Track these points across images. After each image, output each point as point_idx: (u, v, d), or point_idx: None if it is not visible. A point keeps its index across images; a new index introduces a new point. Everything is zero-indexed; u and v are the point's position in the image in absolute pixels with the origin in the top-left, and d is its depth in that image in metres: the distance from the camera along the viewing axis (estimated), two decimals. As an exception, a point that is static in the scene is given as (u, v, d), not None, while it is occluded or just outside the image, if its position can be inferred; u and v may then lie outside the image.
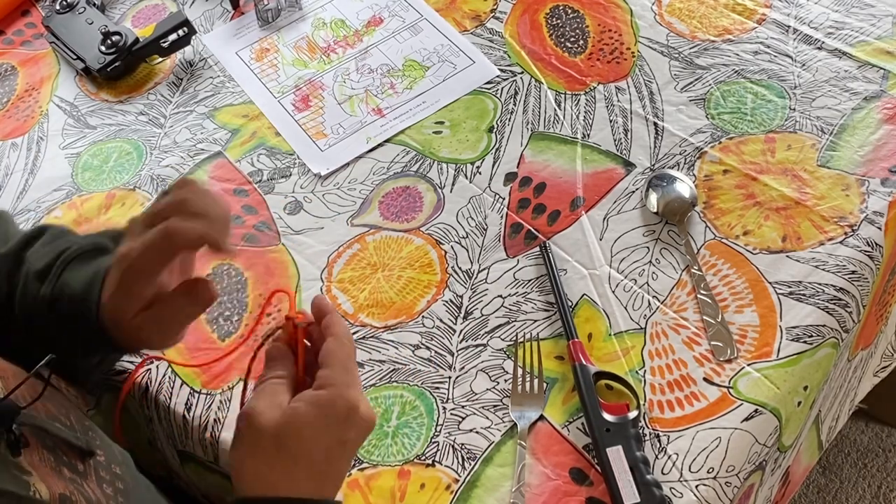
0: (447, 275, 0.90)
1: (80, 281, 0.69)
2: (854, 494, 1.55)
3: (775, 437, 0.80)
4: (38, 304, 0.70)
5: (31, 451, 0.59)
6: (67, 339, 0.70)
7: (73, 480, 0.62)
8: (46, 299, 0.69)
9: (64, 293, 0.69)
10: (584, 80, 1.04)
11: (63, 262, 0.71)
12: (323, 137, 1.03)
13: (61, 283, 0.70)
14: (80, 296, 0.68)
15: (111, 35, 1.11)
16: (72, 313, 0.69)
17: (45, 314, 0.70)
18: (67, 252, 0.71)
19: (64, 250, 0.72)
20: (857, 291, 0.85)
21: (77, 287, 0.69)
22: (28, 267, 0.72)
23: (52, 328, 0.70)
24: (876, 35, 1.03)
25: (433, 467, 0.79)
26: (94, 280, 0.68)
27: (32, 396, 0.61)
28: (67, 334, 0.70)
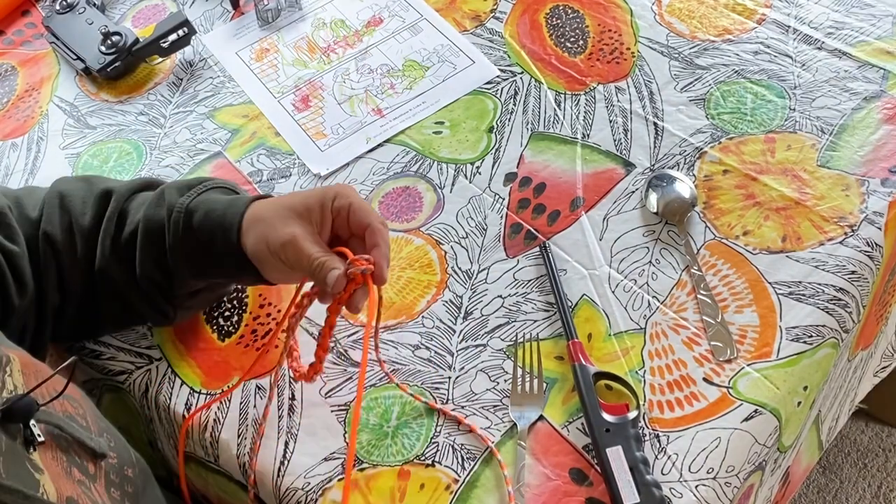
0: (447, 275, 0.90)
1: (221, 202, 0.79)
2: (854, 494, 1.55)
3: (775, 438, 0.80)
4: (173, 212, 0.78)
5: (45, 449, 0.60)
6: (193, 249, 0.78)
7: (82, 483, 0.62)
8: (185, 207, 0.78)
9: (203, 207, 0.78)
10: (583, 80, 1.04)
11: (204, 187, 0.81)
12: (323, 137, 1.03)
13: (202, 198, 0.79)
14: (221, 209, 0.78)
15: (111, 35, 1.11)
16: (209, 225, 0.77)
17: (181, 222, 0.78)
18: (207, 181, 0.82)
19: (204, 180, 0.82)
20: (857, 291, 0.85)
21: (219, 205, 0.78)
22: (165, 186, 0.81)
23: (183, 236, 0.78)
24: (876, 35, 1.03)
25: (433, 467, 0.79)
26: (237, 202, 0.78)
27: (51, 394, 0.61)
28: (196, 244, 0.78)
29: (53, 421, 0.61)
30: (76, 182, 0.84)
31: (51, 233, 0.80)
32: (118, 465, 0.68)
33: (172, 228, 0.78)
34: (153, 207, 0.79)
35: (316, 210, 0.76)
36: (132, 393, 0.87)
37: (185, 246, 0.78)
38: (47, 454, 0.60)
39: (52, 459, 0.60)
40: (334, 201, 0.76)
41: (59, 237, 0.80)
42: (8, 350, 0.64)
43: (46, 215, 0.81)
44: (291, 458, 0.80)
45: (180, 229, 0.78)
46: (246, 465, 0.81)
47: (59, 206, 0.81)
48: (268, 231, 0.76)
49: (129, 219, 0.80)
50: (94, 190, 0.83)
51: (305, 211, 0.76)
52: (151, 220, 0.79)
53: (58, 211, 0.81)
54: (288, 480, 0.79)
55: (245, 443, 0.81)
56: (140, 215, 0.79)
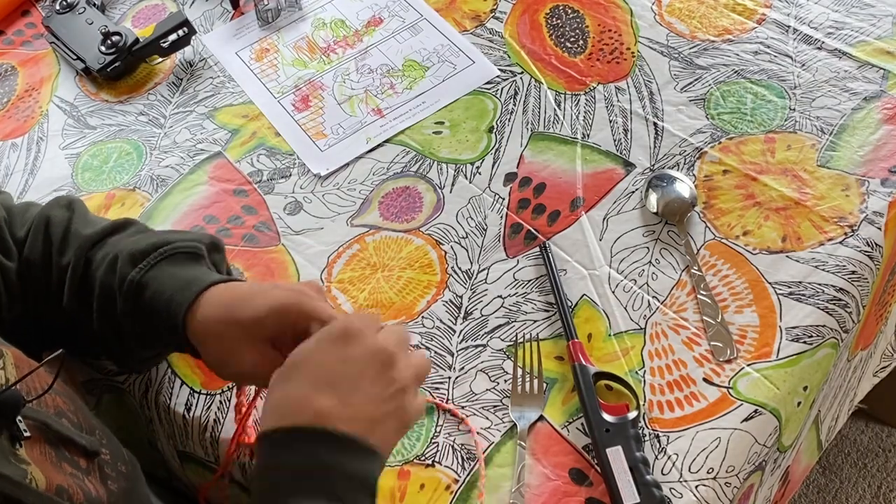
0: (447, 275, 0.90)
1: (173, 280, 0.72)
2: (854, 494, 1.55)
3: (775, 438, 0.80)
4: (123, 285, 0.73)
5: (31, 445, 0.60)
6: (142, 326, 0.73)
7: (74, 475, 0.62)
8: (134, 283, 0.72)
9: (153, 285, 0.72)
10: (583, 80, 1.04)
11: (160, 254, 0.74)
12: (323, 138, 1.03)
13: (154, 272, 0.73)
14: (169, 294, 0.71)
15: (111, 35, 1.11)
16: (157, 307, 0.72)
17: (130, 297, 0.73)
18: (166, 247, 0.74)
19: (163, 243, 0.75)
20: (856, 292, 0.85)
21: (169, 285, 0.72)
22: (121, 248, 0.75)
23: (132, 312, 0.73)
24: (876, 35, 1.03)
25: (433, 467, 0.79)
26: (189, 287, 0.71)
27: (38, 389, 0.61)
28: (144, 322, 0.73)
29: (41, 418, 0.61)
30: (63, 211, 0.80)
31: (31, 260, 0.78)
32: (112, 461, 0.68)
33: (122, 301, 0.73)
34: (107, 273, 0.75)
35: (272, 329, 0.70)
36: (132, 393, 0.87)
37: (133, 321, 0.74)
38: (35, 449, 0.60)
39: (41, 454, 0.60)
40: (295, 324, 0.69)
41: (38, 266, 0.78)
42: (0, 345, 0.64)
43: (31, 240, 0.78)
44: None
45: (130, 306, 0.73)
46: (246, 465, 0.81)
47: (42, 234, 0.78)
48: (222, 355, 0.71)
49: (91, 270, 0.76)
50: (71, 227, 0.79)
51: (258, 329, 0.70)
52: (106, 288, 0.74)
53: (41, 239, 0.78)
54: (288, 480, 0.79)
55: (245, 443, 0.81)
56: (98, 276, 0.75)
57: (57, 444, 0.62)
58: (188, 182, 1.00)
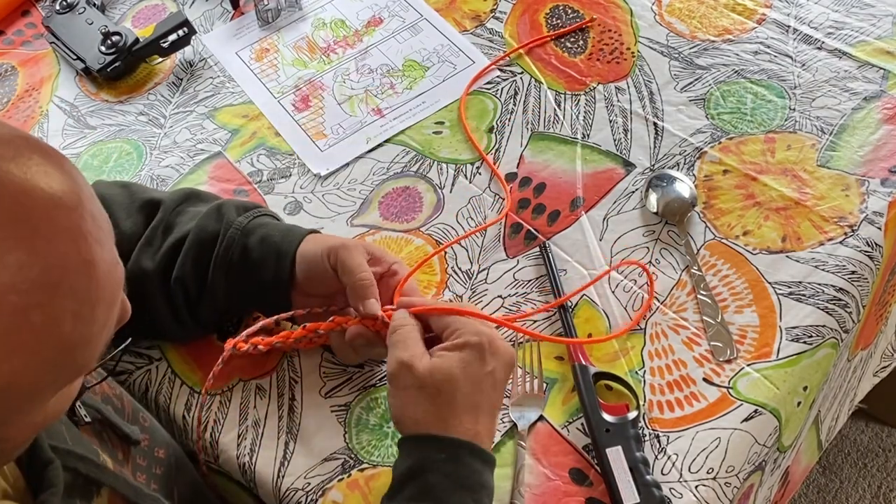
0: (447, 275, 0.90)
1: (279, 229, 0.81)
2: (854, 494, 1.55)
3: (775, 438, 0.80)
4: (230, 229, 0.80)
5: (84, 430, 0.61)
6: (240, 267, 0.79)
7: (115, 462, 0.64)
8: (242, 226, 0.80)
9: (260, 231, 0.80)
10: (583, 80, 1.04)
11: (259, 211, 0.83)
12: (323, 138, 1.03)
13: (259, 221, 0.82)
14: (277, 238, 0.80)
15: (111, 35, 1.11)
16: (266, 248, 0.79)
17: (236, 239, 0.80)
18: (262, 208, 0.85)
19: (258, 205, 0.85)
20: (856, 291, 0.85)
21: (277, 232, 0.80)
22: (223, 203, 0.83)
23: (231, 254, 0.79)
24: (876, 35, 1.03)
25: (433, 467, 0.79)
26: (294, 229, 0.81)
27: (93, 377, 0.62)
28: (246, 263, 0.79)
29: (95, 405, 0.64)
30: (115, 188, 0.85)
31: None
32: (149, 448, 0.69)
33: (226, 243, 0.79)
34: (209, 219, 0.81)
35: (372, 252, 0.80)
36: (132, 393, 0.87)
37: (231, 264, 0.79)
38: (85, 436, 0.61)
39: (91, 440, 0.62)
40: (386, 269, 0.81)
41: None
42: None
43: None
44: (291, 459, 0.80)
45: (234, 246, 0.79)
46: (246, 465, 0.81)
47: None
48: (326, 238, 0.80)
49: (175, 229, 0.81)
50: (136, 199, 0.84)
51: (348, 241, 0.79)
52: (204, 231, 0.80)
53: None
54: (288, 481, 0.79)
55: (245, 443, 0.81)
56: (191, 225, 0.81)
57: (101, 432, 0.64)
58: (188, 182, 1.00)
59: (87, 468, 0.58)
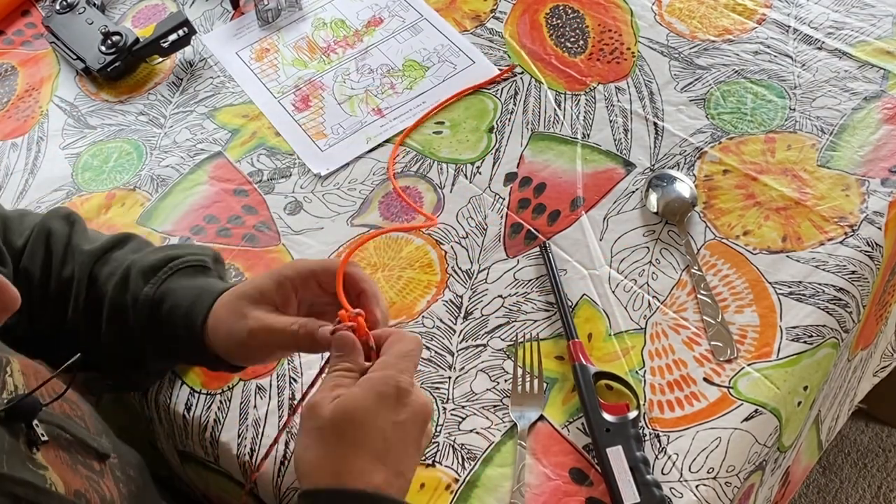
0: (447, 275, 0.90)
1: (187, 291, 0.74)
2: (854, 494, 1.55)
3: (775, 438, 0.80)
4: (138, 302, 0.74)
5: (47, 449, 0.60)
6: (158, 341, 0.75)
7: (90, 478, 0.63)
8: (149, 299, 0.74)
9: (169, 298, 0.74)
10: (584, 80, 1.04)
11: (170, 269, 0.76)
12: (323, 138, 1.03)
13: (167, 286, 0.75)
14: (186, 306, 0.73)
15: (111, 35, 1.11)
16: (175, 320, 0.73)
17: (145, 313, 0.74)
18: (176, 261, 0.77)
19: (172, 258, 0.77)
20: (857, 291, 0.85)
21: (184, 297, 0.74)
22: (129, 264, 0.77)
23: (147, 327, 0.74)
24: (876, 35, 1.03)
25: (433, 467, 0.79)
26: (204, 295, 0.73)
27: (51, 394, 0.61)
28: (161, 336, 0.74)
29: (56, 421, 0.62)
30: (63, 224, 0.81)
31: (30, 270, 0.78)
32: (120, 465, 0.68)
33: (136, 319, 0.74)
34: (118, 290, 0.76)
35: (271, 290, 0.71)
36: (132, 393, 0.87)
37: (152, 337, 0.75)
38: (50, 453, 0.60)
39: (56, 458, 0.60)
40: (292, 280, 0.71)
41: (37, 277, 0.78)
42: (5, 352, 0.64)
43: (30, 250, 0.79)
44: (292, 458, 0.80)
45: (145, 321, 0.74)
46: (246, 465, 0.81)
47: (43, 245, 0.79)
48: (228, 325, 0.71)
49: (98, 285, 0.77)
50: (74, 241, 0.80)
51: (259, 295, 0.71)
52: (116, 304, 0.75)
53: (42, 250, 0.79)
54: (288, 480, 0.79)
55: (245, 443, 0.81)
56: (107, 292, 0.76)
57: (70, 447, 0.63)
58: (188, 182, 1.00)
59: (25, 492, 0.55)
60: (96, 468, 0.64)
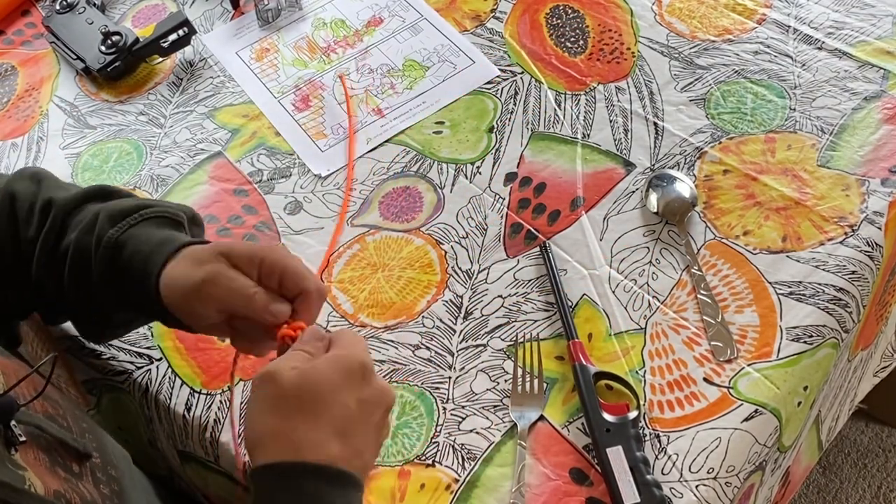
0: (447, 275, 0.90)
1: (152, 239, 0.71)
2: (854, 494, 1.55)
3: (775, 438, 0.80)
4: (101, 243, 0.72)
5: (26, 449, 0.59)
6: (117, 286, 0.72)
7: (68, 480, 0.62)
8: (113, 240, 0.71)
9: (131, 244, 0.71)
10: (584, 80, 1.04)
11: (140, 216, 0.73)
12: (323, 138, 1.03)
13: (133, 231, 0.72)
14: (146, 254, 0.70)
15: (111, 35, 1.11)
16: (133, 264, 0.70)
17: (108, 256, 0.71)
18: (147, 210, 0.74)
19: (144, 206, 0.74)
20: (857, 291, 0.85)
21: (148, 244, 0.71)
22: (102, 208, 0.74)
23: (108, 270, 0.72)
24: (876, 35, 1.03)
25: (433, 467, 0.79)
26: (167, 244, 0.71)
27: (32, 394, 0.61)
28: (119, 282, 0.71)
29: (34, 422, 0.61)
30: (28, 184, 0.78)
31: None
32: (102, 465, 0.68)
33: (98, 261, 0.72)
34: (84, 233, 0.73)
35: (243, 253, 0.68)
36: (132, 393, 0.87)
37: (111, 281, 0.72)
38: (29, 454, 0.60)
39: (35, 459, 0.60)
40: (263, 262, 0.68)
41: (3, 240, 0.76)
42: None
43: None
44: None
45: (105, 264, 0.71)
46: (246, 464, 0.81)
47: (7, 209, 0.77)
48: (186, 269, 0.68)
49: (66, 236, 0.74)
50: (41, 197, 0.77)
51: (228, 250, 0.69)
52: (80, 246, 0.73)
53: (6, 214, 0.76)
54: (288, 480, 0.79)
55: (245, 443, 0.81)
56: (74, 235, 0.73)
57: (49, 448, 0.62)
58: (188, 182, 1.00)
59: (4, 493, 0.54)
60: (75, 470, 0.64)
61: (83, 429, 0.69)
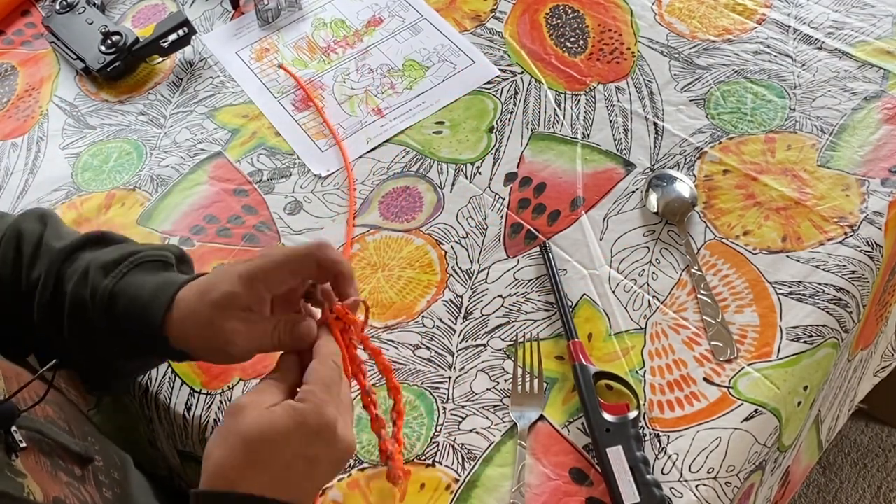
0: (447, 275, 0.90)
1: (148, 284, 0.71)
2: (854, 494, 1.55)
3: (775, 437, 0.80)
4: (97, 296, 0.72)
5: (27, 455, 0.59)
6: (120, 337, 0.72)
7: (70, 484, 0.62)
8: (108, 292, 0.71)
9: (128, 292, 0.71)
10: (584, 80, 1.04)
11: (131, 263, 0.73)
12: (323, 138, 1.03)
13: (127, 280, 0.72)
14: (146, 298, 0.70)
15: (111, 35, 1.11)
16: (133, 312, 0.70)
17: (103, 307, 0.71)
18: (136, 256, 0.74)
19: (133, 253, 0.74)
20: (857, 291, 0.85)
21: (144, 289, 0.71)
22: (92, 259, 0.74)
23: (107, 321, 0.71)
24: (876, 35, 1.03)
25: (433, 467, 0.79)
26: (165, 287, 0.71)
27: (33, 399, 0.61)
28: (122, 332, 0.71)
29: (35, 426, 0.61)
30: (35, 224, 0.79)
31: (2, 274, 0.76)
32: (105, 468, 0.68)
33: (95, 314, 0.71)
34: (78, 286, 0.73)
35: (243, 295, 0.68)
36: (132, 393, 0.87)
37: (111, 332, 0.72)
38: (30, 459, 0.59)
39: (36, 464, 0.60)
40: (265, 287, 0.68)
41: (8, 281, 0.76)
42: None
43: (2, 253, 0.77)
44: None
45: (103, 316, 0.71)
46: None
47: (14, 248, 0.77)
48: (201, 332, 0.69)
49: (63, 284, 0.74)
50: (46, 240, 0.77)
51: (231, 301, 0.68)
52: (76, 300, 0.72)
53: (12, 253, 0.76)
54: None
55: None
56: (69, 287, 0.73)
57: (51, 453, 0.62)
58: (188, 182, 1.00)
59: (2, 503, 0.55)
60: (77, 473, 0.64)
61: (85, 432, 0.69)
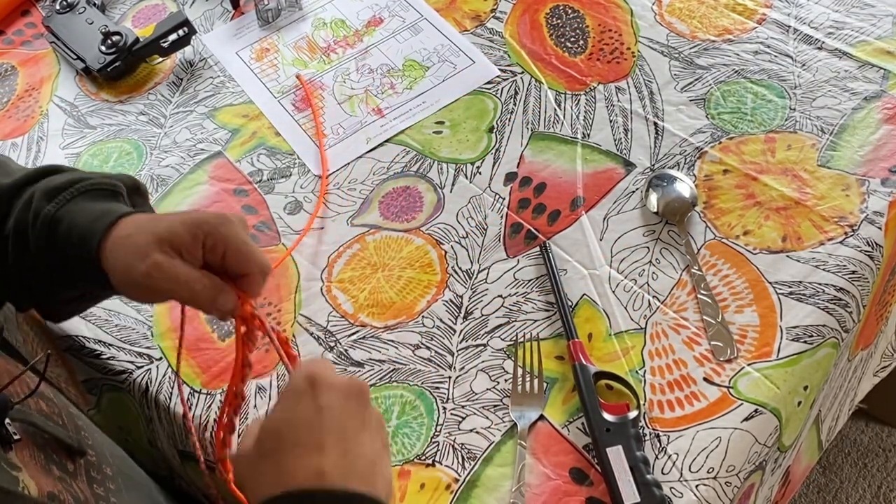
0: (447, 275, 0.90)
1: (88, 213, 0.69)
2: (854, 494, 1.55)
3: (775, 437, 0.80)
4: (38, 220, 0.70)
5: (21, 448, 0.59)
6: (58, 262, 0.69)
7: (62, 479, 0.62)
8: (50, 217, 0.69)
9: (68, 218, 0.69)
10: (584, 80, 1.04)
11: (77, 190, 0.70)
12: (323, 137, 1.03)
13: (70, 207, 0.70)
14: (86, 224, 0.68)
15: (111, 35, 1.11)
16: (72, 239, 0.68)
17: (45, 233, 0.69)
18: (83, 182, 0.71)
19: (80, 179, 0.71)
20: (857, 291, 0.85)
21: (85, 215, 0.68)
22: (37, 187, 0.71)
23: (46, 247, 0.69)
24: (876, 35, 1.03)
25: (433, 467, 0.79)
26: (104, 217, 0.68)
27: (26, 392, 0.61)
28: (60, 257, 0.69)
29: (28, 419, 0.61)
30: None
31: None
32: (97, 463, 0.68)
33: (36, 238, 0.69)
34: (22, 211, 0.71)
35: (185, 237, 0.65)
36: (132, 393, 0.87)
37: (49, 258, 0.69)
38: (24, 452, 0.59)
39: (30, 457, 0.60)
40: (206, 239, 0.65)
41: None
42: None
43: None
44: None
45: (44, 241, 0.69)
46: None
47: None
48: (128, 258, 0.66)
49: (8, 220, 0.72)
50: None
51: (170, 236, 0.65)
52: (19, 224, 0.70)
53: None
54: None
55: (245, 442, 0.81)
56: (14, 213, 0.71)
57: (44, 446, 0.62)
58: (188, 182, 1.00)
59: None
60: (69, 468, 0.63)
61: (77, 426, 0.69)
